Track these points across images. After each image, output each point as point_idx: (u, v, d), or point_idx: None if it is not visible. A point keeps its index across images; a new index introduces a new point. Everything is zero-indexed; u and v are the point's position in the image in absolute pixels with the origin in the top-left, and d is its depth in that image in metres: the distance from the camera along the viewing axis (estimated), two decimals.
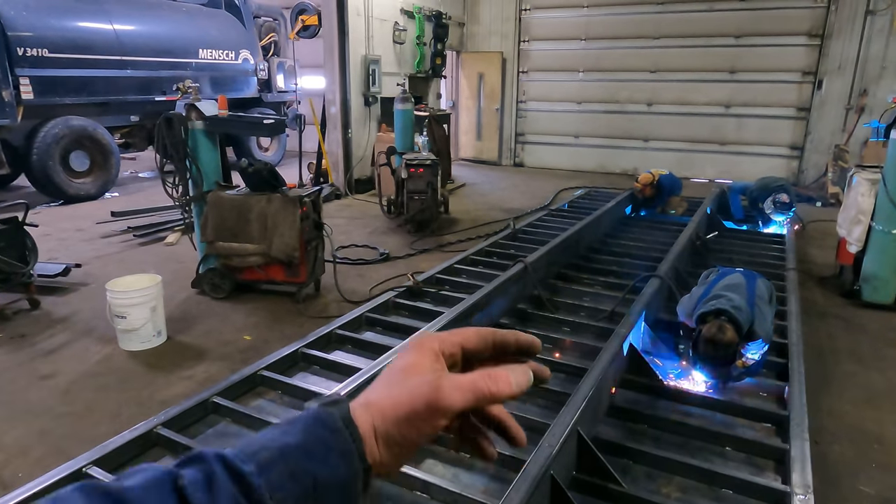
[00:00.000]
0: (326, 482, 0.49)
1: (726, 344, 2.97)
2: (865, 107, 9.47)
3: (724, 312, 3.06)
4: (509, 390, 0.56)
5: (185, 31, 9.93)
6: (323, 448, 0.50)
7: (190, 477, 0.46)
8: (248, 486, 0.46)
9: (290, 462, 0.48)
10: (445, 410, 0.53)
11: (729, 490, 2.51)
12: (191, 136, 4.56)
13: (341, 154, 9.02)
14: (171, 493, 0.44)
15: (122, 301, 3.76)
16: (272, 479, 0.47)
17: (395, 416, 0.53)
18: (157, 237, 6.51)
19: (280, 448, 0.49)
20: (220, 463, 0.47)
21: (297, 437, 0.50)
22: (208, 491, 0.45)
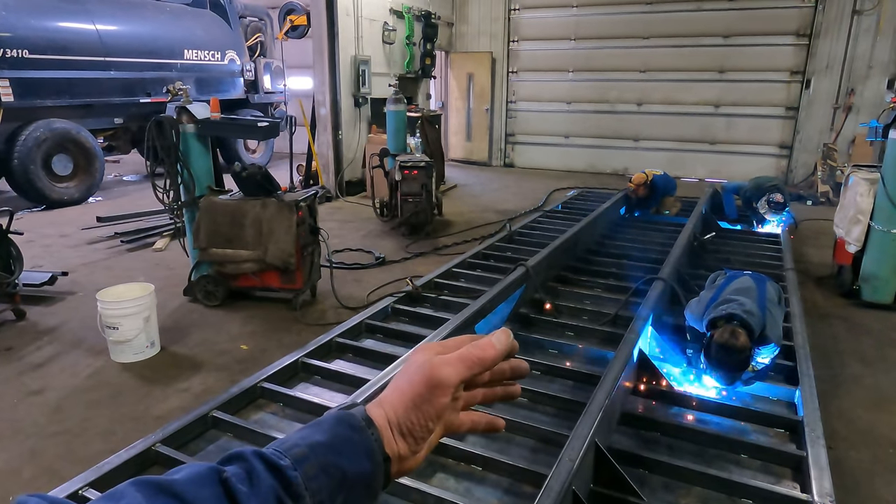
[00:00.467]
0: (353, 476, 0.53)
1: (739, 349, 2.92)
2: (853, 106, 9.56)
3: (737, 317, 3.01)
4: (494, 351, 0.61)
5: (169, 31, 9.73)
6: (348, 445, 0.54)
7: (232, 471, 0.49)
8: (286, 479, 0.50)
9: (321, 457, 0.52)
10: (443, 383, 0.58)
11: (749, 500, 2.46)
12: (182, 139, 4.43)
13: (332, 156, 8.89)
14: (216, 485, 0.48)
15: (114, 311, 3.63)
16: (307, 472, 0.51)
17: (402, 405, 0.58)
18: (145, 243, 6.36)
19: (310, 445, 0.53)
20: (259, 459, 0.51)
21: (325, 435, 0.54)
22: (250, 483, 0.48)
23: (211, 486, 0.48)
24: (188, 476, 0.48)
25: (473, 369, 0.60)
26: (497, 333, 0.63)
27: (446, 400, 0.59)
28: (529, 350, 3.75)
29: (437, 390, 0.58)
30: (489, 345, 0.61)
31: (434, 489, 2.40)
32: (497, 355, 0.62)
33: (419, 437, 0.59)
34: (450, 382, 0.59)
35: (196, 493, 0.46)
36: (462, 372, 0.60)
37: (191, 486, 0.47)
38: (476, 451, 2.64)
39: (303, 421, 2.96)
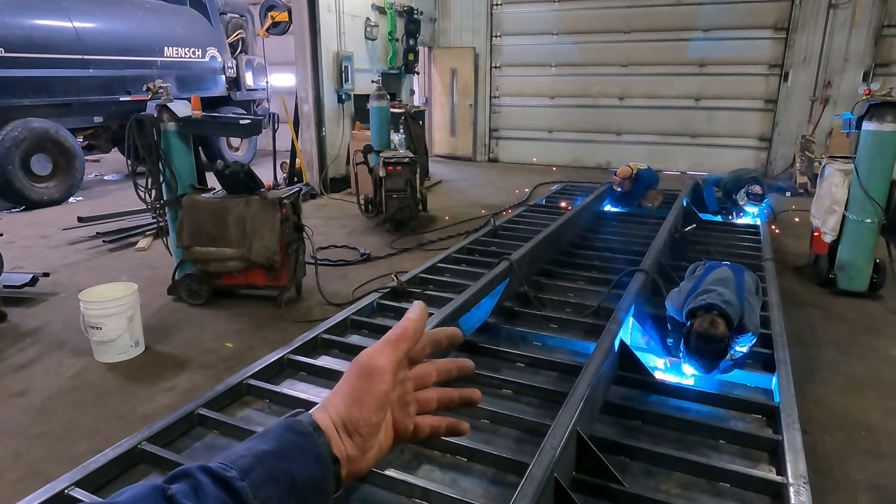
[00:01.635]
0: (303, 481, 0.53)
1: (718, 338, 2.99)
2: (830, 98, 9.72)
3: (716, 307, 3.08)
4: (411, 322, 0.63)
5: (148, 28, 9.63)
6: (296, 451, 0.54)
7: (178, 488, 0.48)
8: (234, 490, 0.49)
9: (268, 465, 0.52)
10: (375, 369, 0.59)
11: (727, 484, 2.53)
12: (163, 137, 4.41)
13: (315, 153, 8.87)
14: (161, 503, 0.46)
15: (97, 311, 3.62)
16: (254, 481, 0.50)
17: (344, 403, 0.59)
18: (128, 243, 6.31)
19: (256, 454, 0.53)
20: (205, 473, 0.50)
21: (271, 443, 0.54)
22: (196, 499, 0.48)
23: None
24: (131, 497, 0.47)
25: (399, 346, 0.61)
26: (412, 306, 0.65)
27: (385, 387, 0.59)
28: (514, 342, 3.79)
29: (372, 378, 0.59)
30: (406, 319, 0.63)
31: (420, 480, 2.44)
32: (415, 325, 0.63)
33: (366, 433, 0.59)
34: (381, 365, 0.59)
35: None
36: (388, 352, 0.60)
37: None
38: (461, 443, 2.68)
39: None
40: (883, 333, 4.17)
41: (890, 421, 3.11)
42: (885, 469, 2.72)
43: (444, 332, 0.69)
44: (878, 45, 9.47)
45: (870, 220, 4.71)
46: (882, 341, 4.05)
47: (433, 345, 0.67)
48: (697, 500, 2.44)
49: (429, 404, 0.66)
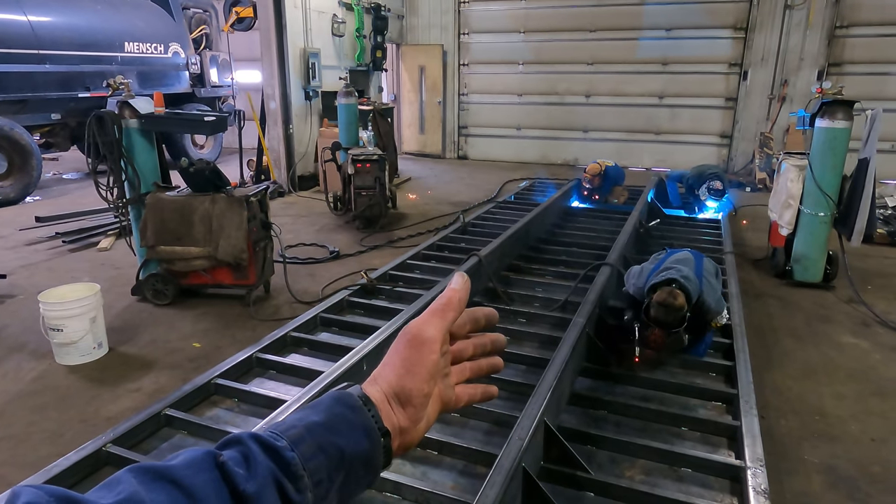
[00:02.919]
0: (352, 454, 0.53)
1: (677, 308, 3.08)
2: (787, 96, 10.04)
3: (675, 281, 3.18)
4: (455, 293, 0.63)
5: (108, 22, 9.37)
6: (345, 424, 0.54)
7: (229, 455, 0.49)
8: (284, 460, 0.50)
9: (318, 437, 0.52)
10: (426, 339, 0.59)
11: (688, 469, 2.62)
12: (125, 135, 4.31)
13: (283, 150, 8.78)
14: (213, 469, 0.48)
15: (58, 313, 3.53)
16: (304, 453, 0.51)
17: (395, 374, 0.59)
18: (89, 243, 6.14)
19: (307, 426, 0.53)
20: (255, 442, 0.51)
21: (322, 415, 0.54)
22: (247, 466, 0.48)
23: (208, 471, 0.47)
24: (185, 461, 0.48)
25: (446, 315, 0.61)
26: (454, 278, 0.65)
27: (435, 356, 0.60)
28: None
29: (423, 348, 0.59)
30: (450, 290, 0.63)
31: (391, 474, 2.46)
32: (460, 294, 0.63)
33: (418, 403, 0.59)
34: (431, 335, 0.60)
35: (193, 478, 0.46)
36: (437, 322, 0.61)
37: (188, 471, 0.47)
38: (431, 437, 2.72)
39: (259, 415, 2.96)
40: (835, 322, 4.35)
41: (841, 405, 3.25)
42: (837, 451, 2.85)
43: (482, 311, 0.70)
44: (831, 46, 9.82)
45: (823, 214, 4.90)
46: (834, 329, 4.22)
47: (472, 322, 0.68)
48: (660, 485, 2.52)
49: (462, 374, 0.67)
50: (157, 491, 0.44)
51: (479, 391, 0.69)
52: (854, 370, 3.64)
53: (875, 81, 9.65)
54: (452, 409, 0.67)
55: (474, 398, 0.68)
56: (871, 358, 3.81)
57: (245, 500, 0.47)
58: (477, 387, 0.69)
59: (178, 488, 0.45)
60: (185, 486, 0.45)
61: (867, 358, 3.81)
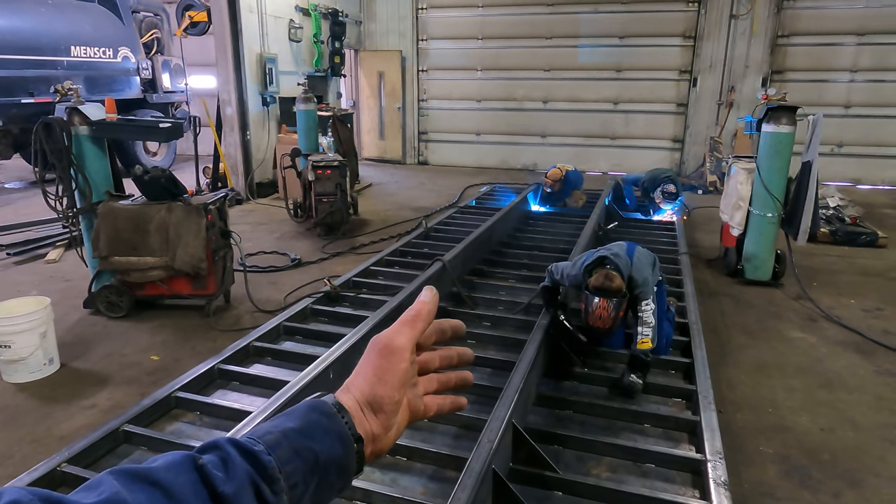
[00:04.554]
0: (326, 459, 0.55)
1: (615, 290, 3.14)
2: (734, 102, 10.45)
3: (607, 260, 3.26)
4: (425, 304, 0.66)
5: (52, 26, 9.01)
6: (320, 430, 0.56)
7: (208, 459, 0.51)
8: (261, 463, 0.51)
9: (294, 442, 0.54)
10: (396, 348, 0.62)
11: (652, 464, 2.69)
12: (75, 142, 4.16)
13: (240, 157, 8.61)
14: (193, 471, 0.49)
15: (6, 328, 3.38)
16: (281, 457, 0.52)
17: (367, 382, 0.61)
18: (36, 255, 5.89)
19: (283, 431, 0.54)
20: (233, 446, 0.52)
21: (297, 422, 0.56)
22: (225, 469, 0.50)
23: (187, 473, 0.49)
24: (165, 464, 0.49)
25: (416, 326, 0.64)
26: (423, 291, 0.68)
27: (405, 365, 0.62)
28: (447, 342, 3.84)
29: (393, 357, 0.62)
30: (419, 302, 0.66)
31: (361, 482, 2.45)
32: (428, 307, 0.66)
33: (389, 410, 0.61)
34: (401, 345, 0.62)
35: (173, 479, 0.47)
36: (406, 332, 0.63)
37: (168, 473, 0.48)
38: (401, 443, 2.71)
39: (223, 428, 2.90)
40: (785, 318, 4.55)
41: (792, 397, 3.40)
42: (789, 441, 2.97)
43: (448, 323, 0.71)
44: (773, 54, 10.28)
45: (771, 215, 5.11)
46: (784, 325, 4.41)
47: (438, 333, 0.70)
48: (626, 481, 2.59)
49: (430, 384, 0.69)
50: (138, 492, 0.45)
51: (447, 402, 0.70)
52: (803, 364, 3.81)
53: (815, 88, 10.14)
54: (421, 419, 0.69)
55: (443, 409, 0.70)
56: (818, 352, 3.99)
57: (223, 501, 0.49)
58: (446, 398, 0.71)
59: (159, 489, 0.46)
60: (166, 487, 0.47)
61: (815, 352, 3.99)
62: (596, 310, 3.15)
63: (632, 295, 3.26)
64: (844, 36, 9.92)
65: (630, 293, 3.24)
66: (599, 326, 3.18)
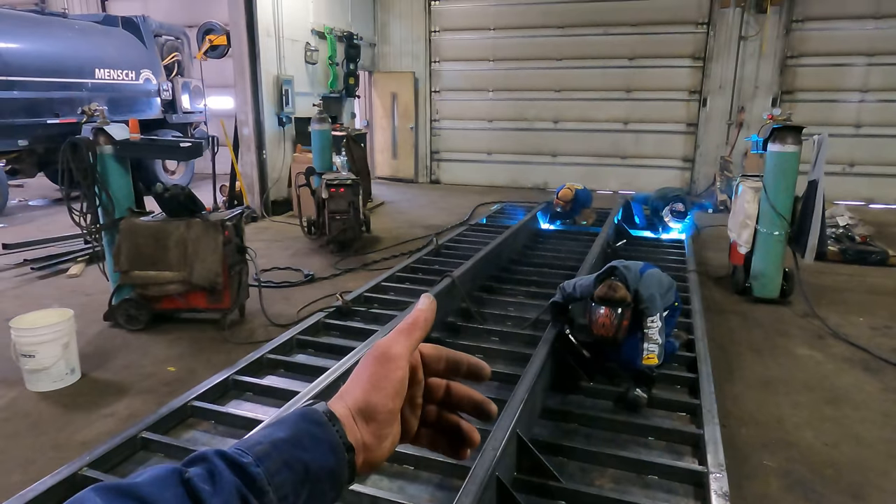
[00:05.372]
0: (317, 469, 0.54)
1: (619, 300, 3.22)
2: (744, 122, 10.51)
3: (615, 269, 3.35)
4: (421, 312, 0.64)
5: (78, 49, 9.36)
6: (311, 440, 0.55)
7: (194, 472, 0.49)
8: (249, 476, 0.50)
9: (284, 453, 0.52)
10: (392, 355, 0.60)
11: (655, 476, 2.74)
12: (100, 161, 4.34)
13: (256, 176, 8.81)
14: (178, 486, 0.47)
15: (30, 339, 3.51)
16: (270, 468, 0.51)
17: (362, 390, 0.59)
18: (58, 269, 6.07)
19: (272, 442, 0.53)
20: (221, 458, 0.50)
21: (287, 431, 0.54)
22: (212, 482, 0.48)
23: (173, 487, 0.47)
24: (150, 478, 0.48)
25: (412, 334, 0.62)
26: (421, 299, 0.67)
27: (401, 373, 0.60)
28: None
29: (389, 364, 0.60)
30: (416, 310, 0.65)
31: (368, 489, 2.52)
32: (425, 314, 0.64)
33: (382, 419, 0.59)
34: (397, 352, 0.61)
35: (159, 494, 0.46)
36: (403, 341, 0.62)
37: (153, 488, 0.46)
38: (408, 452, 2.79)
39: (237, 436, 2.99)
40: (792, 335, 4.57)
41: (797, 413, 3.42)
42: (793, 455, 3.00)
43: (467, 358, 0.66)
44: (783, 74, 10.36)
45: (778, 233, 5.15)
46: (791, 342, 4.43)
47: (450, 362, 0.66)
48: (629, 492, 2.63)
49: (429, 415, 0.66)
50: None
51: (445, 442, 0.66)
52: (809, 380, 3.83)
53: (825, 108, 10.19)
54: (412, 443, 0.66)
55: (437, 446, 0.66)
56: (825, 368, 4.01)
57: None
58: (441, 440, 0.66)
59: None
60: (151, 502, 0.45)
61: (821, 368, 4.01)
62: (599, 318, 3.24)
63: (637, 309, 3.32)
64: (854, 56, 9.99)
65: (636, 307, 3.31)
66: (603, 335, 3.26)
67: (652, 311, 3.31)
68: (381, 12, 12.32)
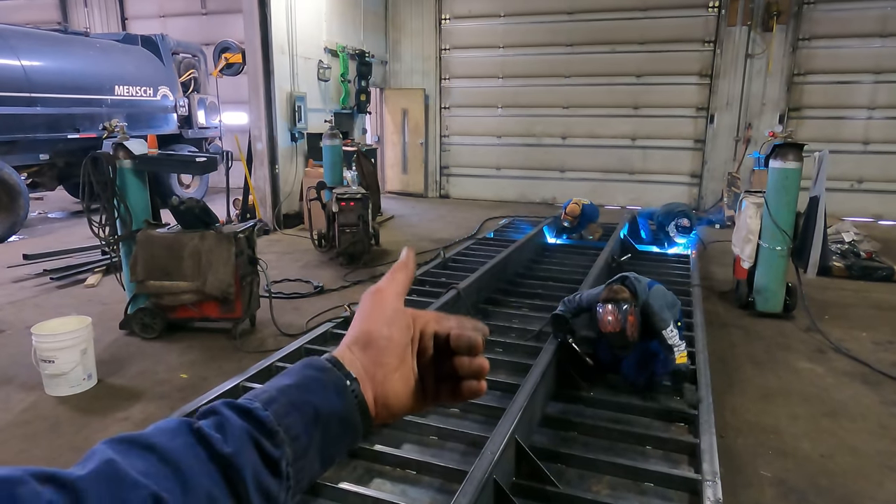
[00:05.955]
0: (327, 412, 0.55)
1: (622, 299, 3.34)
2: (751, 138, 10.58)
3: (626, 278, 3.48)
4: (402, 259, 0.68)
5: (98, 66, 9.67)
6: (316, 383, 0.56)
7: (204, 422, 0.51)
8: (258, 419, 0.51)
9: (290, 396, 0.54)
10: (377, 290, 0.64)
11: (651, 483, 2.80)
12: (119, 174, 4.52)
13: (269, 190, 9.01)
14: (188, 434, 0.49)
15: (50, 345, 3.66)
16: (278, 411, 0.53)
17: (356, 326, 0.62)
18: (77, 279, 6.26)
19: (278, 388, 0.55)
20: (229, 408, 0.52)
21: (292, 378, 0.57)
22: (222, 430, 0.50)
23: (183, 436, 0.48)
24: (159, 429, 0.49)
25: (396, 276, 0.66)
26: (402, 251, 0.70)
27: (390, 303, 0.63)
28: None
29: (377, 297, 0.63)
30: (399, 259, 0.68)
31: (371, 491, 2.62)
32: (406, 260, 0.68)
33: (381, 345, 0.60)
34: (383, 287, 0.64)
35: (168, 442, 0.47)
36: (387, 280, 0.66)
37: (162, 436, 0.48)
38: (410, 457, 2.88)
39: None
40: (793, 350, 4.61)
41: (794, 424, 3.47)
42: (788, 466, 3.05)
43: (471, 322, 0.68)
44: (790, 91, 10.43)
45: (780, 248, 5.21)
46: (792, 356, 4.48)
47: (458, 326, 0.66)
48: (625, 498, 2.70)
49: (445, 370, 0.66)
50: (133, 457, 0.45)
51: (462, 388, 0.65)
52: (808, 393, 3.88)
53: (832, 125, 10.24)
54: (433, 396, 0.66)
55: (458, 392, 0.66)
56: (825, 381, 4.05)
57: (223, 460, 0.48)
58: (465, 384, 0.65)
59: (155, 453, 0.46)
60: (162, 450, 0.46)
61: (821, 382, 4.05)
62: (605, 315, 3.34)
63: (649, 323, 3.43)
64: (861, 74, 10.05)
65: (647, 320, 3.42)
66: (611, 330, 3.34)
67: (665, 325, 3.43)
68: (393, 31, 12.58)
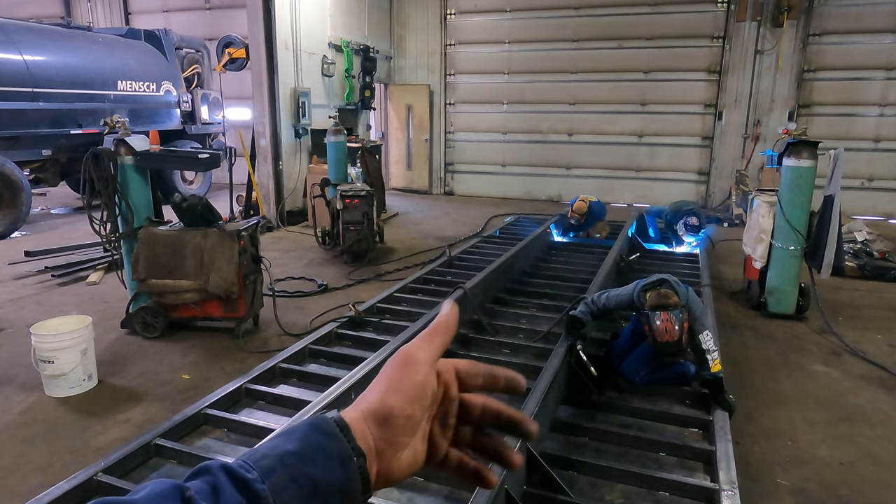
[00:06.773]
0: (326, 484, 0.52)
1: (673, 305, 3.15)
2: (760, 136, 10.45)
3: (665, 280, 3.29)
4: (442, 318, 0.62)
5: (101, 62, 9.59)
6: (320, 452, 0.53)
7: (197, 487, 0.48)
8: (253, 493, 0.48)
9: (290, 467, 0.51)
10: (414, 359, 0.58)
11: (665, 492, 2.71)
12: (120, 171, 4.44)
13: (272, 186, 8.93)
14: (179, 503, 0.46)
15: (50, 345, 3.58)
16: (275, 484, 0.49)
17: (378, 394, 0.57)
18: (78, 277, 6.19)
19: (279, 455, 0.52)
20: (225, 473, 0.49)
21: (296, 444, 0.53)
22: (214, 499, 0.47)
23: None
24: (150, 495, 0.46)
25: (434, 339, 0.60)
26: (443, 304, 0.65)
27: (421, 378, 0.57)
28: None
29: (409, 368, 0.58)
30: (439, 316, 0.63)
31: (378, 500, 2.53)
32: (447, 319, 0.62)
33: (398, 424, 0.56)
34: (418, 357, 0.58)
35: None
36: (424, 346, 0.60)
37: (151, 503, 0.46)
38: None
39: (249, 444, 3.02)
40: (807, 352, 4.51)
41: (811, 430, 3.38)
42: (807, 474, 2.96)
43: (504, 372, 0.63)
44: (800, 88, 10.30)
45: (793, 248, 5.11)
46: (806, 359, 4.38)
47: (488, 377, 0.63)
48: None
49: (464, 437, 0.63)
50: None
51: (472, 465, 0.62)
52: (824, 398, 3.78)
53: (843, 122, 10.11)
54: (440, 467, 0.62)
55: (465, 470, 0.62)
56: (841, 385, 3.96)
57: None
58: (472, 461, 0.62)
59: None
60: None
61: (837, 386, 3.96)
62: (661, 324, 3.09)
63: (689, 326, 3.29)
64: (872, 71, 9.91)
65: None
66: (668, 340, 3.09)
67: (703, 328, 3.28)
68: (398, 26, 12.47)
